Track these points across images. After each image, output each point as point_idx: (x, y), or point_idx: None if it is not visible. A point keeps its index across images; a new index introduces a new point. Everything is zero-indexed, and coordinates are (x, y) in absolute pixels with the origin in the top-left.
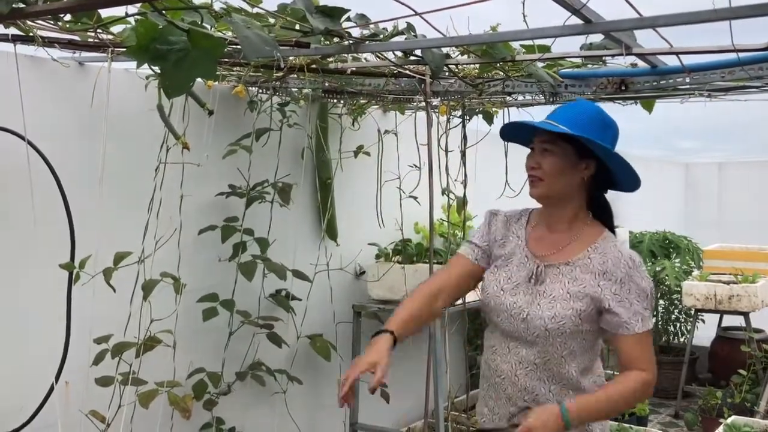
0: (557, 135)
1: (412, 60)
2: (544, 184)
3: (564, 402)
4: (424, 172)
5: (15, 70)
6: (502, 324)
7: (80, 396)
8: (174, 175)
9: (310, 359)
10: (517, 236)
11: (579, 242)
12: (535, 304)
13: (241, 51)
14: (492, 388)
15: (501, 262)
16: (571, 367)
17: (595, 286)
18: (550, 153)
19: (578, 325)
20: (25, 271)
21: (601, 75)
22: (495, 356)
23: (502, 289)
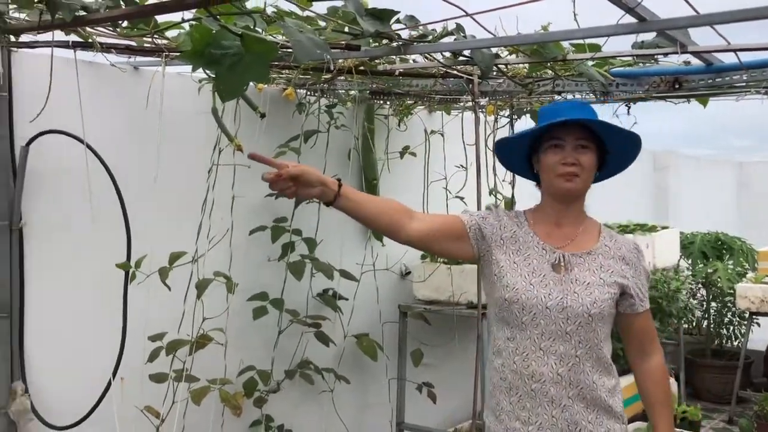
0: (590, 132)
1: (461, 60)
2: (580, 180)
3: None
4: (470, 172)
5: (75, 75)
6: (536, 320)
7: (135, 392)
8: (226, 176)
9: (356, 358)
10: (525, 232)
11: (588, 233)
12: (572, 292)
13: (292, 54)
14: (527, 397)
15: (518, 258)
16: (606, 351)
17: (620, 270)
18: (587, 149)
19: (611, 308)
20: (84, 270)
21: (653, 73)
22: (528, 362)
23: (530, 283)
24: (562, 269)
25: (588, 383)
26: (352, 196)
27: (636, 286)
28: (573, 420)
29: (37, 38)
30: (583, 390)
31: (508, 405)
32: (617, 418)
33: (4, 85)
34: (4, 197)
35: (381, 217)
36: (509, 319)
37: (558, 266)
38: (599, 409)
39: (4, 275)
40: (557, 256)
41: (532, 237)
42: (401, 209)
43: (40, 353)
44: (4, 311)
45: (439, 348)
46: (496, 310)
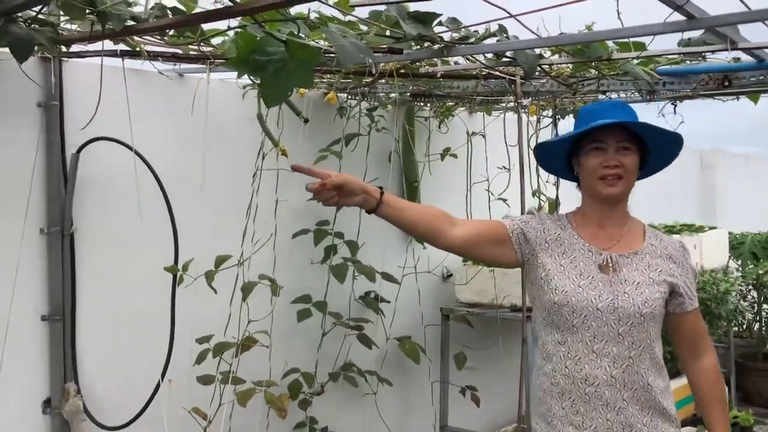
0: (632, 133)
1: (503, 61)
2: (623, 182)
3: None
4: (513, 173)
5: (122, 83)
6: (587, 322)
7: (183, 393)
8: (269, 180)
9: (399, 361)
10: (570, 234)
11: (633, 233)
12: (622, 292)
13: (334, 59)
14: (580, 401)
15: (564, 261)
16: (658, 352)
17: (668, 269)
18: (629, 151)
19: (662, 307)
20: (133, 273)
21: (702, 71)
22: (580, 365)
23: (579, 285)
24: (610, 270)
25: (642, 385)
26: (394, 203)
27: (684, 284)
28: (628, 423)
29: (86, 48)
30: (637, 392)
31: (561, 410)
32: (671, 420)
33: (56, 94)
34: (56, 204)
35: (422, 223)
36: (559, 323)
37: (606, 267)
38: (654, 412)
39: (57, 279)
40: (604, 258)
41: (576, 239)
42: (442, 216)
43: (91, 355)
44: (57, 314)
45: (482, 351)
46: (544, 314)
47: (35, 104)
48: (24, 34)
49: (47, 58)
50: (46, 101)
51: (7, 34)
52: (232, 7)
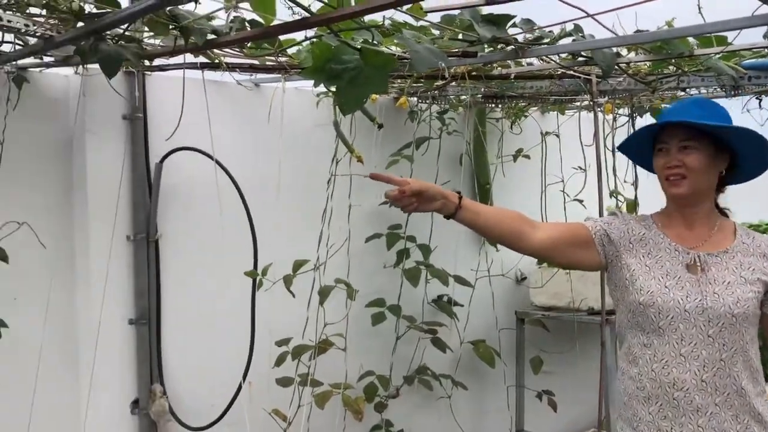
0: (698, 131)
1: (579, 61)
2: (687, 182)
3: None
4: (589, 174)
5: (202, 94)
6: (674, 324)
7: (262, 395)
8: (342, 185)
9: (474, 365)
10: (655, 234)
11: (722, 231)
12: (711, 292)
13: (407, 64)
14: (668, 406)
15: (650, 261)
16: (753, 355)
17: (763, 268)
18: (692, 149)
19: (756, 308)
20: (214, 278)
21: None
22: (667, 369)
23: (665, 286)
24: (698, 270)
25: (735, 389)
26: (472, 207)
27: None
28: (721, 429)
29: (168, 61)
30: (730, 396)
31: (647, 415)
32: (767, 426)
33: (140, 107)
34: (141, 212)
35: (501, 227)
36: (644, 325)
37: (693, 267)
38: (749, 418)
39: (143, 285)
40: (692, 257)
41: (662, 238)
42: (521, 219)
43: (176, 358)
44: (143, 318)
45: (559, 355)
46: (629, 316)
47: (121, 117)
48: (112, 51)
49: (131, 72)
50: (131, 113)
51: (97, 51)
52: (309, 18)
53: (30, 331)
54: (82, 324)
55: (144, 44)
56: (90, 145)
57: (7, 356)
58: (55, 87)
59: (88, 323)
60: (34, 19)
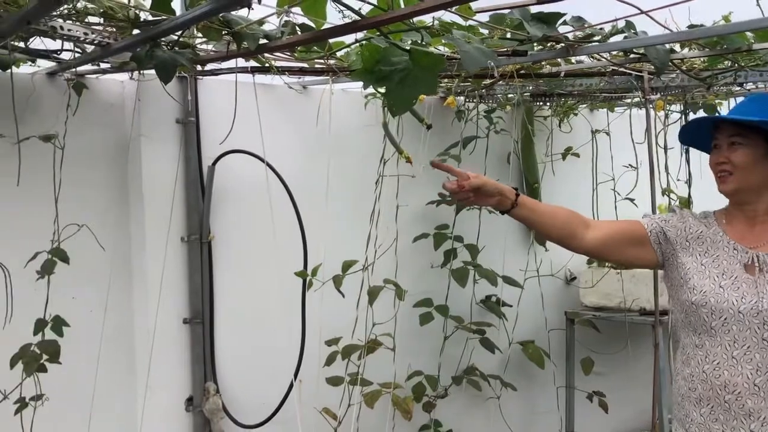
0: (746, 127)
1: (632, 58)
2: (734, 179)
3: None
4: (641, 172)
5: (252, 97)
6: (727, 326)
7: (312, 394)
8: (389, 186)
9: (523, 366)
10: (714, 232)
11: None
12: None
13: (456, 64)
14: (720, 409)
15: (706, 260)
16: None
17: None
18: (739, 146)
19: None
20: (265, 278)
21: None
22: (719, 371)
23: (720, 285)
24: (756, 270)
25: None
26: (528, 204)
27: None
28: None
29: (220, 66)
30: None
31: (699, 417)
32: None
33: (192, 111)
34: (194, 213)
35: (555, 224)
36: (696, 325)
37: (751, 267)
38: None
39: (197, 285)
40: (750, 257)
41: (721, 237)
42: (576, 217)
43: (229, 356)
44: (198, 318)
45: (609, 356)
46: (682, 315)
47: (174, 120)
48: (168, 57)
49: (183, 77)
50: (184, 117)
51: (153, 57)
52: (360, 21)
53: (89, 330)
54: (139, 323)
55: (197, 49)
56: (145, 149)
57: (68, 354)
58: (111, 92)
59: (144, 322)
60: (93, 28)
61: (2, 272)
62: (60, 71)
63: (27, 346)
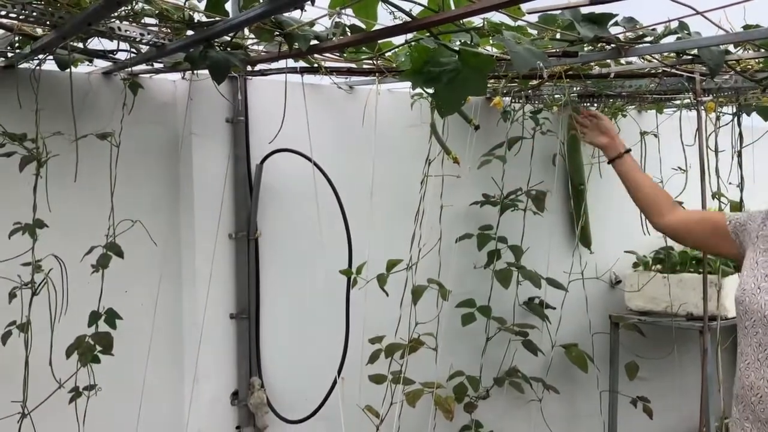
0: None
1: (685, 59)
2: None
3: None
4: (690, 174)
5: (300, 97)
6: (755, 328)
7: (354, 391)
8: (434, 186)
9: (565, 369)
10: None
11: None
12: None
13: (504, 65)
14: (749, 409)
15: (762, 258)
16: None
17: None
18: None
19: None
20: (311, 275)
21: None
22: (748, 371)
23: (759, 287)
24: None
25: None
26: (633, 164)
27: None
28: None
29: (269, 66)
30: None
31: (736, 413)
32: None
33: (242, 110)
34: (242, 211)
35: (648, 193)
36: (738, 321)
37: None
38: None
39: (243, 281)
40: None
41: None
42: (668, 198)
43: (274, 352)
44: (244, 313)
45: (655, 361)
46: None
47: (224, 120)
48: (221, 58)
49: (234, 76)
50: (234, 117)
51: (207, 58)
52: (410, 23)
53: (139, 323)
54: (187, 317)
55: (249, 50)
56: (196, 147)
57: (119, 347)
58: (164, 92)
59: (192, 317)
60: (149, 29)
61: (59, 265)
62: (116, 71)
63: (82, 338)
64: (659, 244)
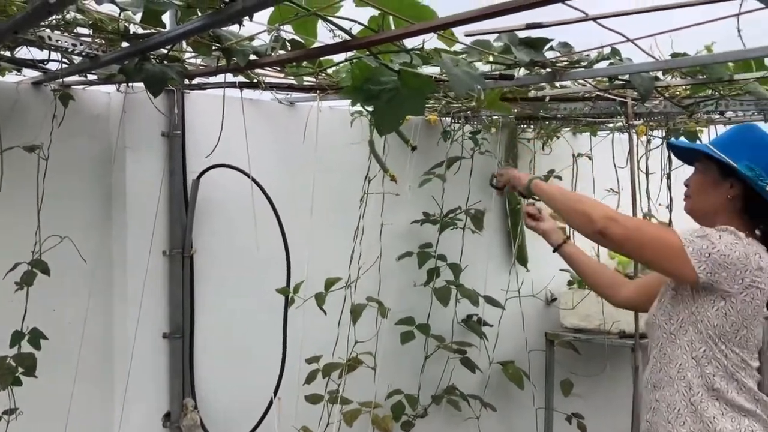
0: (704, 155)
1: (616, 84)
2: (689, 201)
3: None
4: (622, 196)
5: (239, 112)
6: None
7: (291, 411)
8: (374, 204)
9: (502, 386)
10: None
11: None
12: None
13: (443, 87)
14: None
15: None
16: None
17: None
18: (698, 171)
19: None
20: (247, 294)
21: None
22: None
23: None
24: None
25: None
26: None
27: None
28: None
29: (208, 80)
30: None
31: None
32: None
33: (179, 124)
34: (177, 227)
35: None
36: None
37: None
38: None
39: (177, 299)
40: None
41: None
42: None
43: (208, 372)
44: (177, 332)
45: (589, 378)
46: None
47: (160, 134)
48: (157, 71)
49: (171, 90)
50: (170, 131)
51: (142, 70)
52: (350, 41)
53: (67, 342)
54: (118, 337)
55: (186, 63)
56: (130, 162)
57: (45, 367)
58: (97, 104)
59: (123, 336)
60: (82, 39)
61: None
62: (46, 81)
63: (3, 359)
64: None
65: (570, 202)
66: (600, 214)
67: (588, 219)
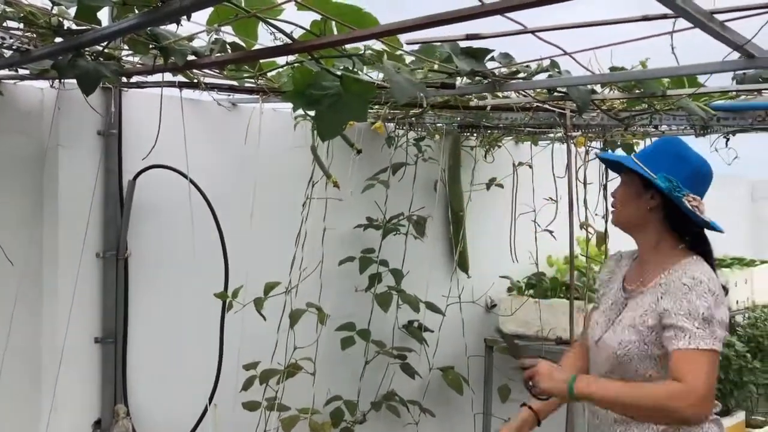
0: (627, 167)
1: (555, 96)
2: (616, 212)
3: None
4: (561, 205)
5: (178, 112)
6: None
7: (228, 418)
8: (317, 208)
9: (442, 392)
10: (620, 273)
11: (658, 269)
12: (609, 331)
13: (386, 93)
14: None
15: (604, 305)
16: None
17: (655, 305)
18: (623, 183)
19: (645, 350)
20: (184, 298)
21: (759, 107)
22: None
23: (597, 322)
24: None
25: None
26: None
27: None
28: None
29: (146, 79)
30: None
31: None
32: None
33: (115, 123)
34: (112, 229)
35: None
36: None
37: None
38: None
39: (111, 303)
40: (618, 298)
41: (618, 277)
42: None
43: (142, 378)
44: (110, 337)
45: None
46: None
47: (95, 132)
48: (91, 68)
49: (108, 88)
50: (106, 129)
51: (75, 67)
52: (291, 45)
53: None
54: (47, 341)
55: (123, 61)
56: (63, 160)
57: None
58: (29, 100)
59: (52, 340)
60: (11, 32)
61: None
62: None
63: None
64: (532, 270)
65: (639, 400)
66: (676, 396)
67: (667, 413)
